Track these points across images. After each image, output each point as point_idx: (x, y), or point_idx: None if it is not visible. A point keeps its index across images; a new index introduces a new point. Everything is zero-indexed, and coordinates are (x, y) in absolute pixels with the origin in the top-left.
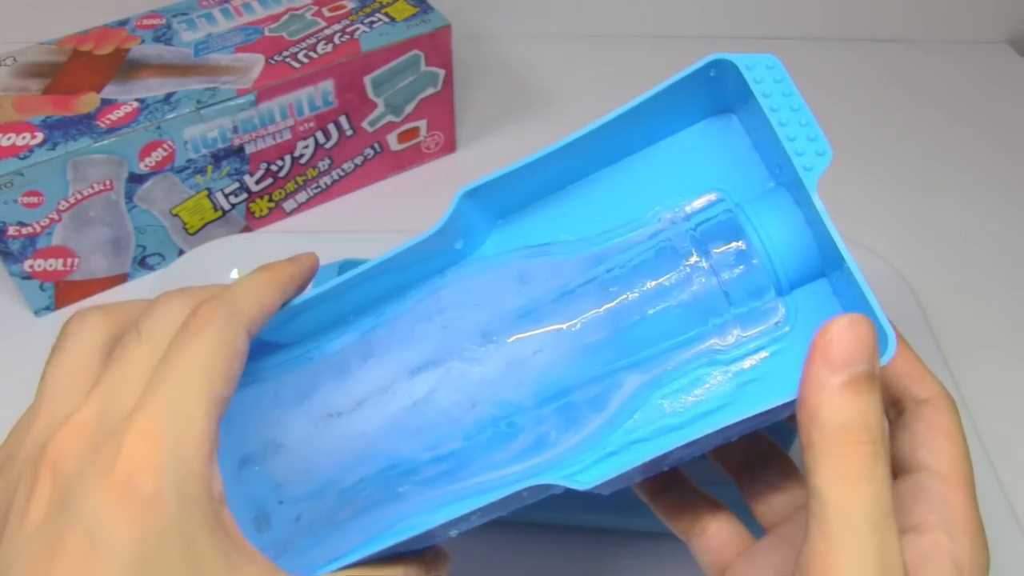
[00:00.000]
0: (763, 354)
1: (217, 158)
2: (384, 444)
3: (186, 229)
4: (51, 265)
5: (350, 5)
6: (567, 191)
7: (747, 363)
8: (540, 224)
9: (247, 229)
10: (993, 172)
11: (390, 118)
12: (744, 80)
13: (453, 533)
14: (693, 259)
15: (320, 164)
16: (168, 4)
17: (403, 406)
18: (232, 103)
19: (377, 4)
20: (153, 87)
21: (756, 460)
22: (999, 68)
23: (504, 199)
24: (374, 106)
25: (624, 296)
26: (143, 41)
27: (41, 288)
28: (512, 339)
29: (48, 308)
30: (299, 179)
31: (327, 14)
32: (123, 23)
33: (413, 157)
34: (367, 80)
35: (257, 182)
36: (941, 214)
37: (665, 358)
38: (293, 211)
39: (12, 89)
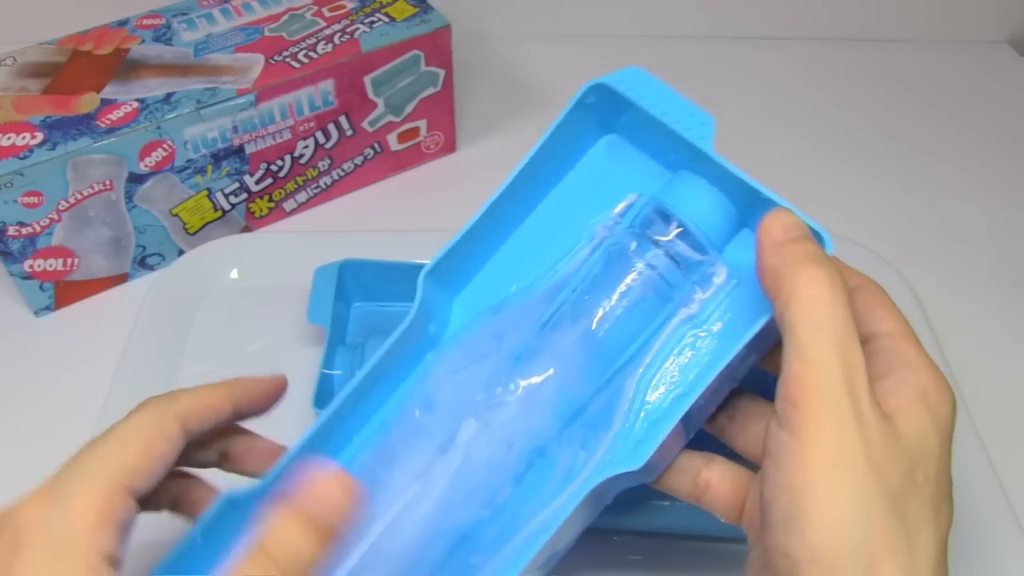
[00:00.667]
0: (725, 306)
1: (217, 158)
2: (443, 522)
3: (186, 229)
4: (51, 265)
5: (350, 5)
6: (506, 245)
7: (716, 320)
8: (494, 282)
9: (247, 229)
10: (993, 172)
11: (390, 118)
12: (620, 94)
13: None
14: (640, 249)
15: (320, 164)
16: (168, 4)
17: (448, 480)
18: (232, 103)
19: (377, 4)
20: (153, 87)
21: (730, 405)
22: (999, 68)
23: (459, 270)
24: (374, 106)
25: (599, 306)
26: (143, 41)
27: (41, 288)
28: (517, 379)
29: (48, 308)
30: (299, 179)
31: (327, 14)
32: (123, 23)
33: (413, 157)
34: (367, 80)
35: (257, 182)
36: (941, 214)
37: (652, 341)
38: (293, 211)
39: (12, 89)
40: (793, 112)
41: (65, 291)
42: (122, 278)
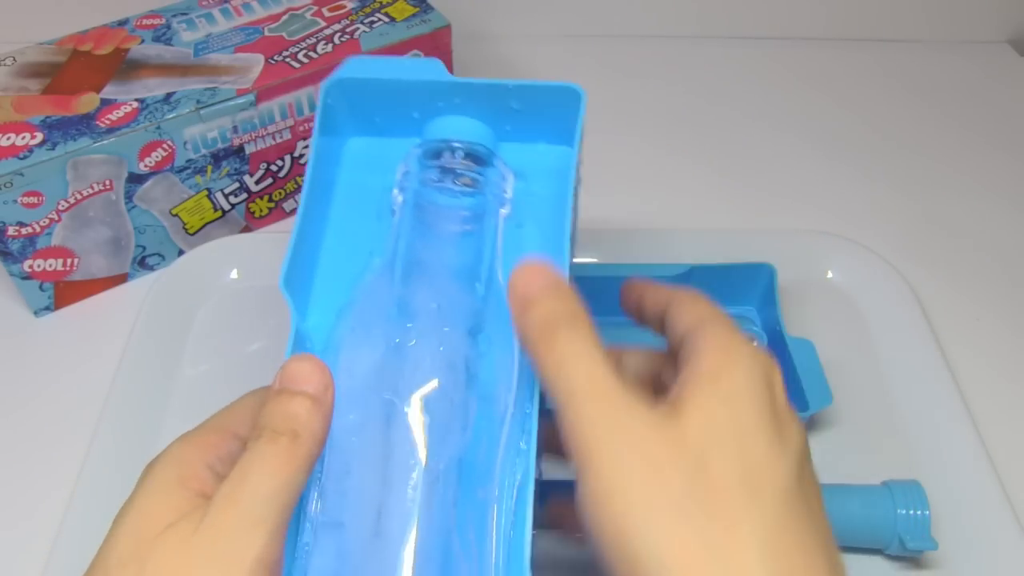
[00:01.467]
0: (527, 199)
1: (217, 158)
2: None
3: (186, 229)
4: (51, 265)
5: (350, 5)
6: (327, 245)
7: (527, 213)
8: (334, 280)
9: (247, 229)
10: (993, 172)
11: None
12: (353, 79)
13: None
14: (439, 181)
15: None
16: (168, 4)
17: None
18: (232, 103)
19: (377, 4)
20: (153, 87)
21: (642, 303)
22: (1000, 68)
23: (302, 275)
24: None
25: (437, 249)
26: (143, 41)
27: (41, 288)
28: (412, 342)
29: (48, 308)
30: (299, 179)
31: (327, 14)
32: (123, 23)
33: None
34: None
35: (257, 182)
36: (941, 214)
37: (494, 250)
38: (293, 211)
39: (12, 89)
40: (793, 112)
41: (65, 291)
42: (122, 278)
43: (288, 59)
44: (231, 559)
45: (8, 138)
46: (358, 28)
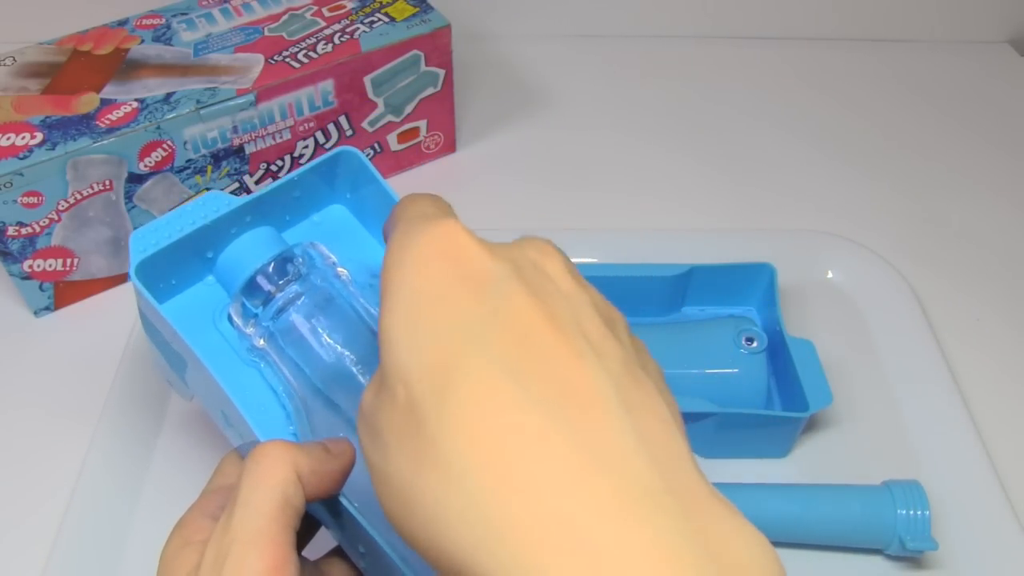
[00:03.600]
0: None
1: (217, 158)
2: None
3: None
4: (50, 265)
5: (350, 5)
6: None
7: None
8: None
9: None
10: (993, 172)
11: (390, 118)
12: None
13: None
14: (292, 299)
15: None
16: (168, 4)
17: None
18: (232, 103)
19: (377, 4)
20: (153, 87)
21: None
22: (1000, 68)
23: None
24: (374, 106)
25: (332, 334)
26: (143, 41)
27: (40, 288)
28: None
29: (48, 308)
30: None
31: (327, 14)
32: (123, 23)
33: (413, 157)
34: (367, 80)
35: (257, 182)
36: (941, 214)
37: (364, 302)
38: None
39: (12, 89)
40: (793, 112)
41: (65, 291)
42: (122, 278)
43: (288, 59)
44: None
45: (8, 138)
46: (358, 28)
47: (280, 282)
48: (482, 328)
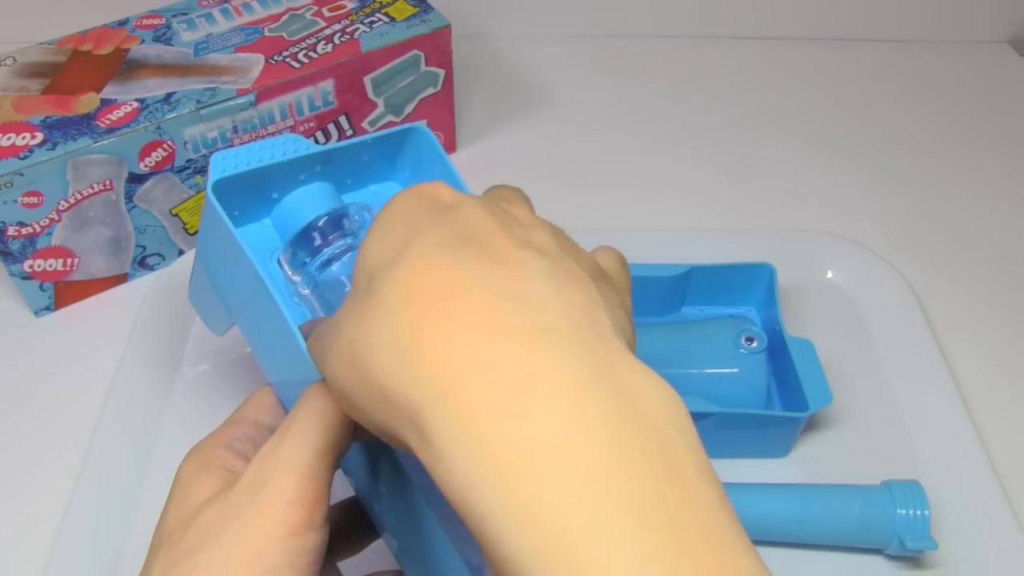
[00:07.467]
0: None
1: None
2: None
3: (186, 229)
4: (51, 265)
5: (350, 5)
6: None
7: None
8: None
9: None
10: (993, 172)
11: (390, 118)
12: (224, 178)
13: None
14: (332, 255)
15: None
16: (168, 4)
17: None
18: (232, 103)
19: (377, 4)
20: (153, 87)
21: None
22: (1000, 68)
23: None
24: (374, 106)
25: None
26: (143, 41)
27: (41, 288)
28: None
29: (48, 308)
30: None
31: (327, 14)
32: (123, 23)
33: None
34: (367, 80)
35: None
36: (941, 214)
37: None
38: None
39: (12, 89)
40: (793, 112)
41: (65, 291)
42: (122, 278)
43: (288, 59)
44: (264, 504)
45: (8, 138)
46: (358, 28)
47: (331, 236)
48: (440, 229)
